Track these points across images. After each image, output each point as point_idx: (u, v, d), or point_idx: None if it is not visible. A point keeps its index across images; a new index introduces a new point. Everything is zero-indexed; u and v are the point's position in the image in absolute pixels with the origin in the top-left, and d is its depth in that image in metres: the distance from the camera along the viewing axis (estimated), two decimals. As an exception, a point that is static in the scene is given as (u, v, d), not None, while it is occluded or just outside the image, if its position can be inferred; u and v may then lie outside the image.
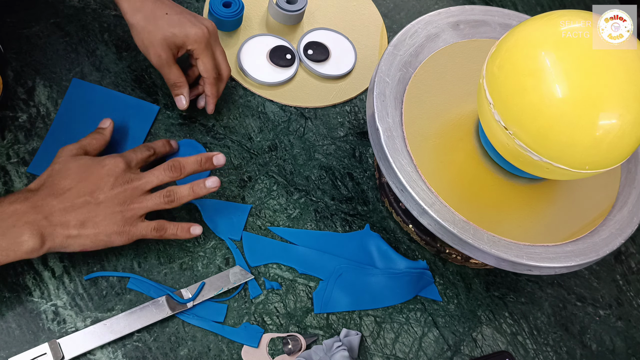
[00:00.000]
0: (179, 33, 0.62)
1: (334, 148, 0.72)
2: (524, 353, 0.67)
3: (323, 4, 0.83)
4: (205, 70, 0.65)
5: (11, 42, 0.67)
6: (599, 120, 0.50)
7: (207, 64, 0.64)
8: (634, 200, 0.65)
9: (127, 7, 0.62)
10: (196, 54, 0.64)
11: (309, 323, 0.62)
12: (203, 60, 0.64)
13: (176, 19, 0.62)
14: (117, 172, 0.56)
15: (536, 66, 0.51)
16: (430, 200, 0.58)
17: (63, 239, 0.53)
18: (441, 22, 0.69)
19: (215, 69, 0.65)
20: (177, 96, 0.66)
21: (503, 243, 0.59)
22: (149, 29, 0.62)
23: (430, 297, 0.66)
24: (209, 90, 0.66)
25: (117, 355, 0.56)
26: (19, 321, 0.55)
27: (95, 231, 0.54)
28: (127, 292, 0.59)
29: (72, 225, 0.53)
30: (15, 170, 0.61)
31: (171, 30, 0.62)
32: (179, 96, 0.66)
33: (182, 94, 0.65)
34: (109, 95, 0.67)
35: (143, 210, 0.56)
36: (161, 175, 0.57)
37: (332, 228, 0.67)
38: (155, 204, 0.57)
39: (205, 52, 0.64)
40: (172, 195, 0.57)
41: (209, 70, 0.65)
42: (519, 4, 0.94)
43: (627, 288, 0.75)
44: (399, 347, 0.63)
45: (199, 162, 0.59)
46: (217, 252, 0.63)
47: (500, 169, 0.64)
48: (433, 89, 0.66)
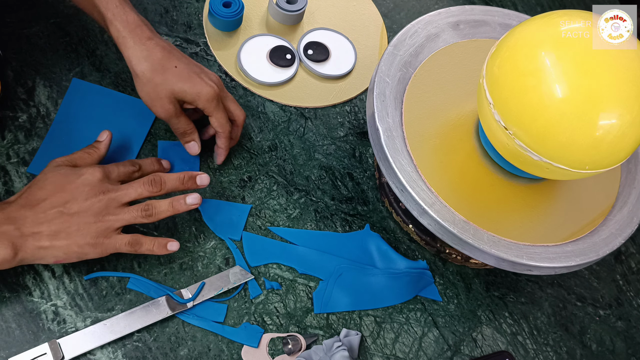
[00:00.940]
0: (190, 90, 0.59)
1: (334, 148, 0.73)
2: (524, 353, 0.67)
3: (323, 4, 0.83)
4: (219, 126, 0.62)
5: (11, 42, 0.67)
6: (599, 120, 0.50)
7: (220, 119, 0.62)
8: (633, 200, 0.65)
9: (132, 55, 0.58)
10: (208, 112, 0.61)
11: (309, 323, 0.62)
12: (216, 117, 0.62)
13: (185, 74, 0.59)
14: (93, 182, 0.54)
15: (536, 66, 0.51)
16: (430, 200, 0.58)
17: (35, 250, 0.52)
18: (441, 22, 0.69)
19: (228, 124, 0.63)
20: (188, 143, 0.64)
21: (503, 243, 0.59)
22: (156, 81, 0.59)
23: (430, 297, 0.66)
24: (223, 144, 0.64)
25: (117, 355, 0.56)
26: (19, 321, 0.55)
27: (67, 242, 0.53)
28: (127, 292, 0.59)
29: (45, 237, 0.52)
30: (15, 170, 0.61)
31: (181, 86, 0.59)
32: (190, 143, 0.64)
33: (192, 140, 0.64)
34: (109, 95, 0.67)
35: (119, 222, 0.55)
36: (140, 188, 0.56)
37: (332, 228, 0.67)
38: (132, 217, 0.55)
39: (217, 108, 0.61)
40: (150, 209, 0.56)
41: (223, 125, 0.63)
42: (519, 4, 0.94)
43: (627, 288, 0.75)
44: (399, 347, 0.63)
45: (181, 180, 0.58)
46: (217, 252, 0.63)
47: (500, 169, 0.64)
48: (433, 89, 0.66)
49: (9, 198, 0.55)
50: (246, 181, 0.67)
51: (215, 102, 0.61)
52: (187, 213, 0.64)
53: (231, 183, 0.67)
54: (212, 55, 0.74)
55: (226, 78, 0.73)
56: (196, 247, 0.62)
